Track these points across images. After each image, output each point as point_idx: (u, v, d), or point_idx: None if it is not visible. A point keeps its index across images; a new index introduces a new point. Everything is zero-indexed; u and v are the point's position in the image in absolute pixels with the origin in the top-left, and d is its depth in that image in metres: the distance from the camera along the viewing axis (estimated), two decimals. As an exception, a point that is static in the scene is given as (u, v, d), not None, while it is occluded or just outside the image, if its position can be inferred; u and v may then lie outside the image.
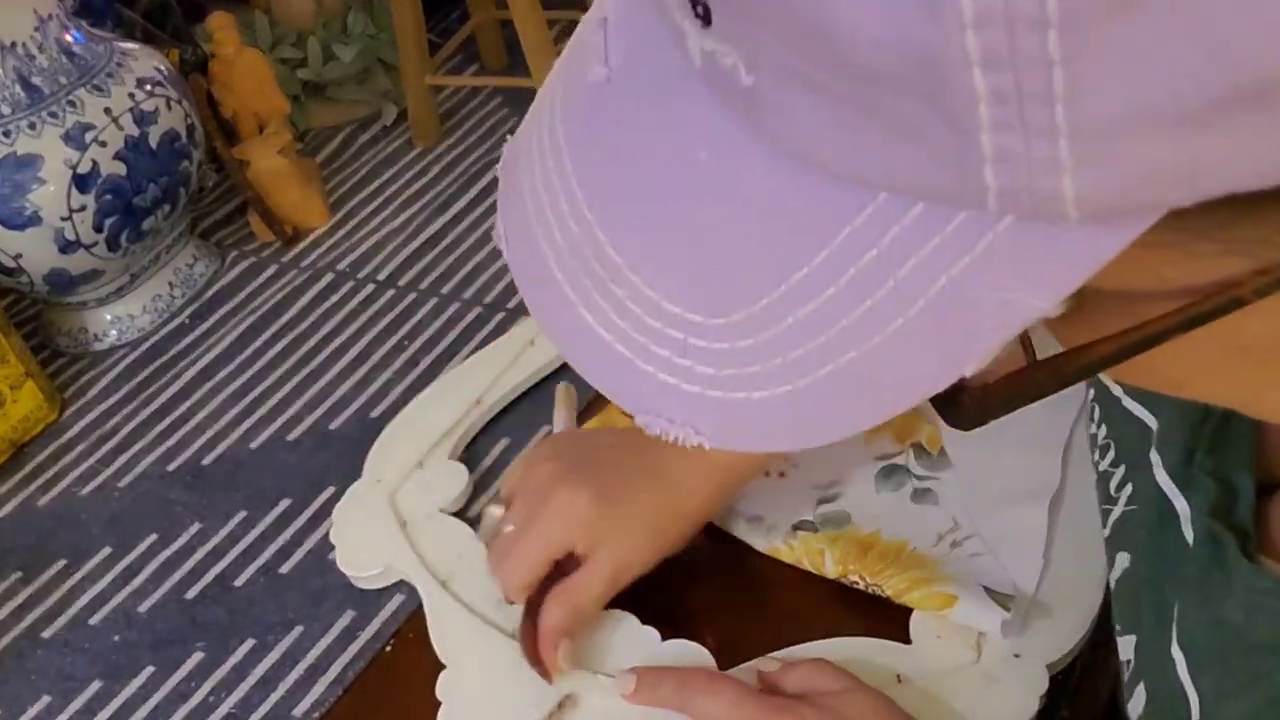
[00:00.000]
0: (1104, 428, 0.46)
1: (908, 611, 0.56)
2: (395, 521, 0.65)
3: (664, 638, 0.57)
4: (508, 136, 1.00)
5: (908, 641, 0.55)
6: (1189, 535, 0.38)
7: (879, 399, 0.23)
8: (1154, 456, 0.41)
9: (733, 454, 0.55)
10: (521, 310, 0.81)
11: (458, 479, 0.67)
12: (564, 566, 0.56)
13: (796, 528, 0.60)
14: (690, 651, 0.56)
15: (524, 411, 0.74)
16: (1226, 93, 0.17)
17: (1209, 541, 0.37)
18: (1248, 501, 0.37)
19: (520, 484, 0.58)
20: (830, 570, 0.58)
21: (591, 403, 0.73)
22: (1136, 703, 0.42)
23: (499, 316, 0.82)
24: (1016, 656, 0.53)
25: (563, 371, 0.75)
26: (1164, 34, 0.17)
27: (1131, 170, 0.18)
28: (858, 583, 0.57)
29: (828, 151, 0.21)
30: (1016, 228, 0.20)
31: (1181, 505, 0.39)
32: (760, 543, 0.60)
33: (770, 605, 0.59)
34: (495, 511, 0.58)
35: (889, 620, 0.56)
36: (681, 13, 0.22)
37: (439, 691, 0.57)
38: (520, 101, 1.03)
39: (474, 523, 0.65)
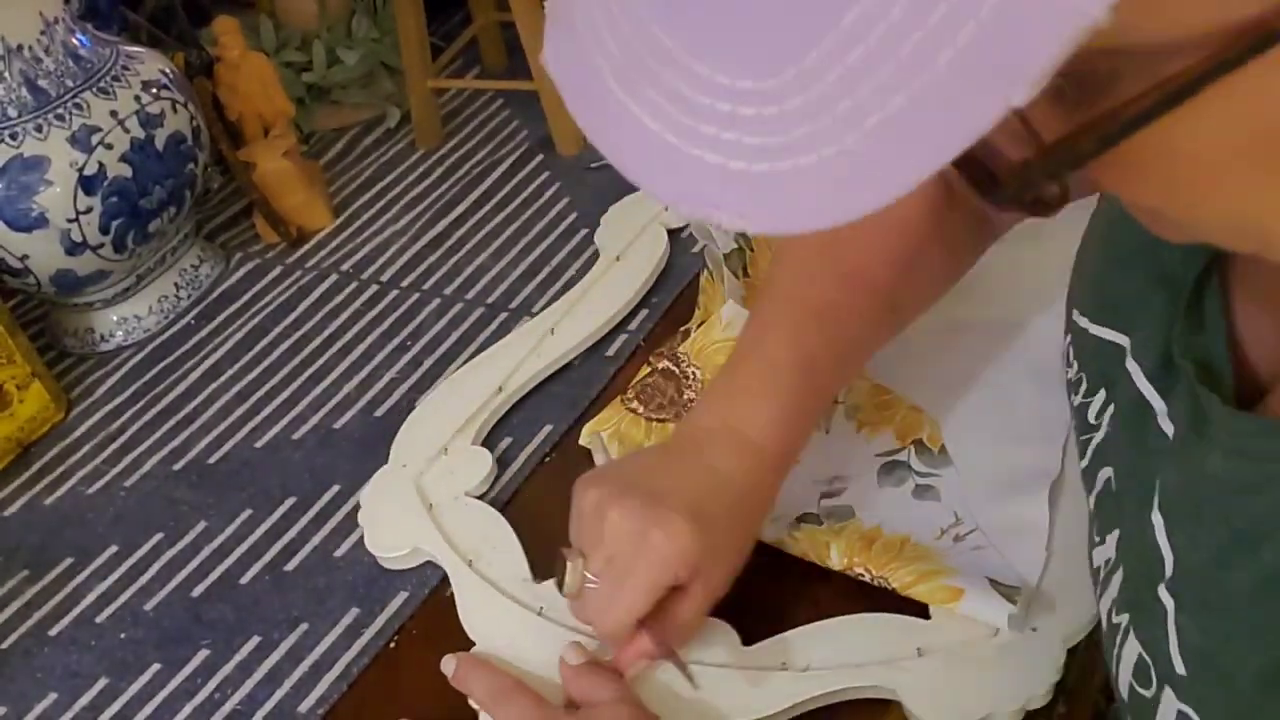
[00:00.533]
0: (1075, 365, 0.47)
1: None
2: (422, 504, 0.67)
3: None
4: (509, 138, 1.00)
5: (927, 617, 0.56)
6: (1168, 429, 0.39)
7: (927, 148, 0.23)
8: (1130, 365, 0.42)
9: (775, 438, 0.55)
10: (525, 309, 0.82)
11: (481, 464, 0.69)
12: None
13: (801, 519, 0.61)
14: (717, 628, 0.57)
15: (544, 398, 0.75)
16: None
17: (1190, 417, 0.38)
18: (1227, 379, 0.38)
19: (593, 533, 0.54)
20: (835, 563, 0.59)
21: (594, 400, 0.73)
22: (1111, 590, 0.43)
23: (502, 316, 0.82)
24: (1034, 630, 0.54)
25: (567, 370, 0.76)
26: None
27: None
28: (863, 575, 0.58)
29: None
30: None
31: (1159, 404, 0.40)
32: (766, 534, 0.61)
33: (793, 584, 0.60)
34: (577, 563, 0.54)
35: (908, 597, 0.57)
36: None
37: None
38: (522, 104, 1.04)
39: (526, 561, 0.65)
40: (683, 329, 0.74)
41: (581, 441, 0.70)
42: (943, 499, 0.61)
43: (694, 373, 0.70)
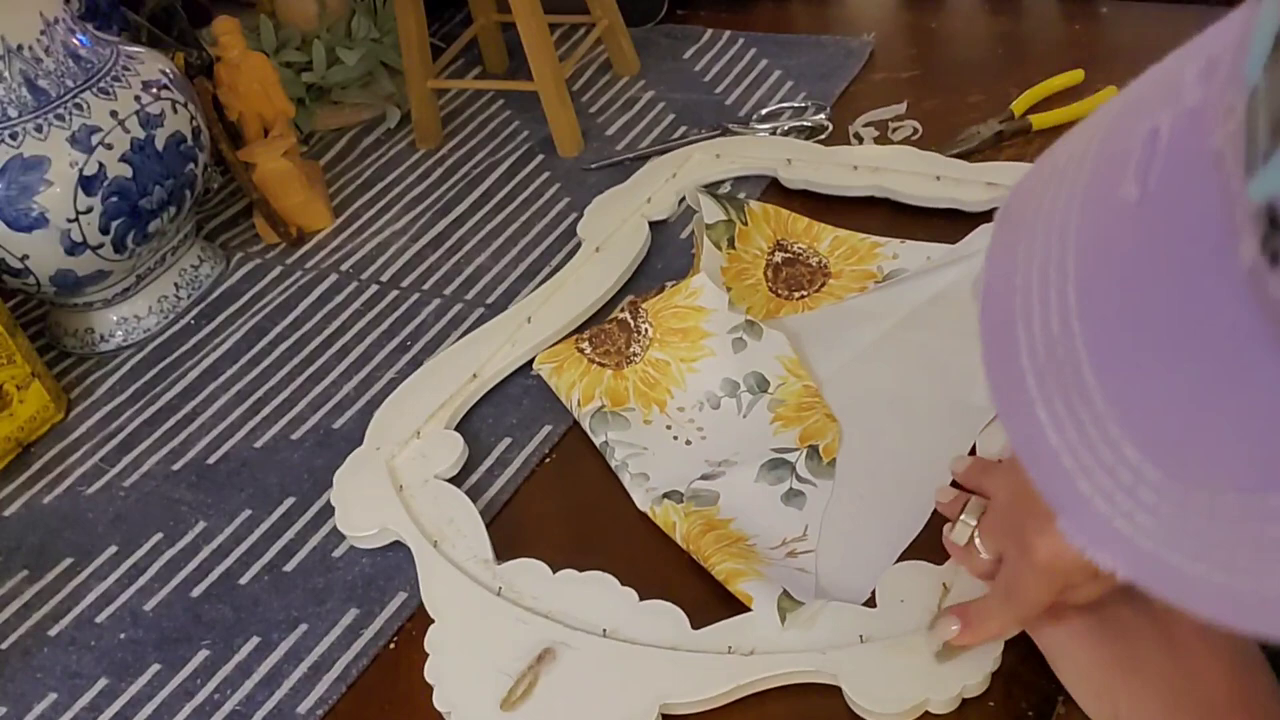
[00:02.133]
0: None
1: None
2: (392, 486, 0.68)
3: (641, 598, 0.60)
4: (510, 139, 1.01)
5: (874, 605, 0.57)
6: None
7: None
8: None
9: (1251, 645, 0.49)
10: (524, 311, 0.82)
11: (452, 448, 0.70)
12: None
13: (666, 495, 0.63)
14: (665, 610, 0.59)
15: (517, 385, 0.76)
16: None
17: None
18: None
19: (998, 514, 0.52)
20: (680, 544, 0.62)
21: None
22: None
23: (500, 317, 0.82)
24: None
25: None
26: None
27: None
28: (700, 562, 0.61)
29: None
30: None
31: None
32: (638, 499, 0.64)
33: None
34: (971, 522, 0.54)
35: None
36: (1248, 224, 0.21)
37: (427, 644, 0.59)
38: (522, 104, 1.04)
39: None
40: (663, 283, 0.76)
41: (533, 371, 0.74)
42: (804, 509, 0.63)
43: (646, 329, 0.72)
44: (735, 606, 0.58)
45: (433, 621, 0.61)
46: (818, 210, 0.83)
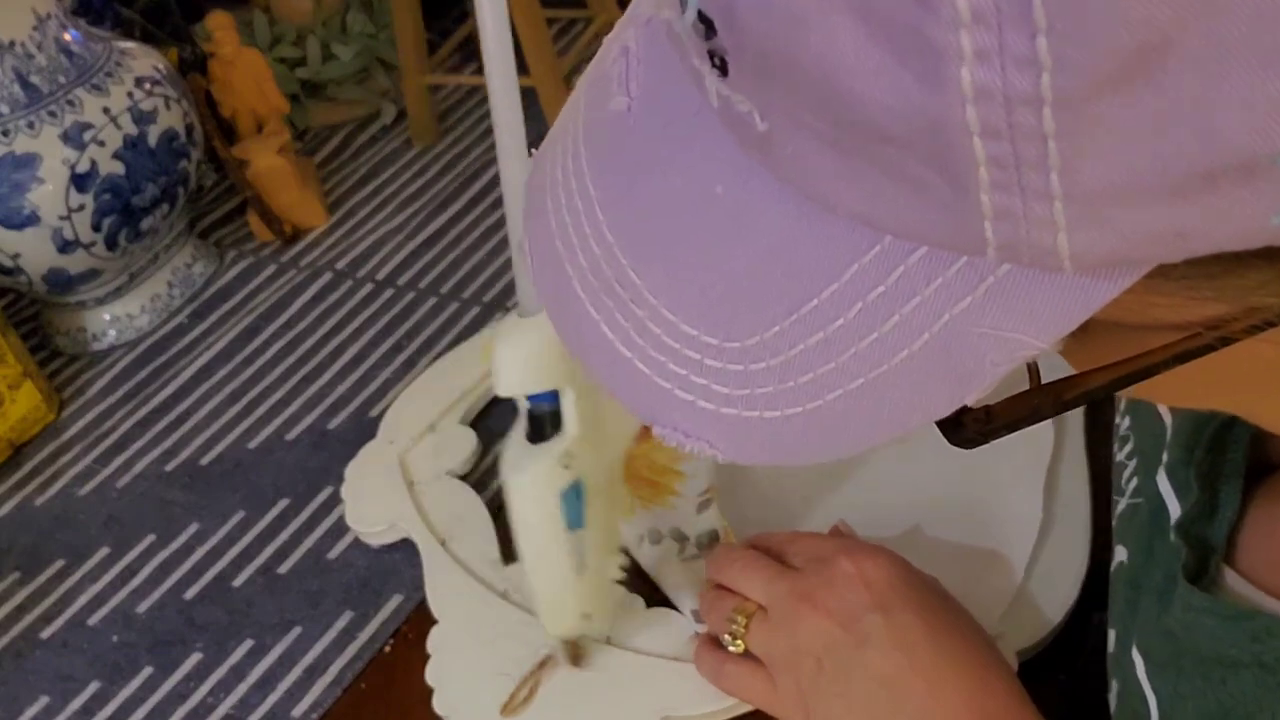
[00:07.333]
0: (1128, 419, 0.47)
1: None
2: (403, 481, 0.67)
3: (647, 605, 0.59)
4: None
5: None
6: (1175, 540, 0.39)
7: (885, 420, 0.24)
8: (1165, 455, 0.42)
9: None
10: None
11: (466, 443, 0.70)
12: None
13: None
14: (671, 618, 0.58)
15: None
16: (1213, 168, 0.18)
17: (1177, 550, 0.38)
18: (1228, 514, 0.38)
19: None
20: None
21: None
22: (1113, 696, 0.44)
23: (497, 315, 0.82)
24: None
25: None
26: (1153, 115, 0.18)
27: (1122, 231, 0.19)
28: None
29: (837, 196, 0.22)
30: (1015, 274, 0.21)
31: (1174, 507, 0.40)
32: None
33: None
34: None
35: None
36: (700, 59, 0.23)
37: (429, 645, 0.59)
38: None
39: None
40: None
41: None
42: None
43: None
44: None
45: (433, 623, 0.60)
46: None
